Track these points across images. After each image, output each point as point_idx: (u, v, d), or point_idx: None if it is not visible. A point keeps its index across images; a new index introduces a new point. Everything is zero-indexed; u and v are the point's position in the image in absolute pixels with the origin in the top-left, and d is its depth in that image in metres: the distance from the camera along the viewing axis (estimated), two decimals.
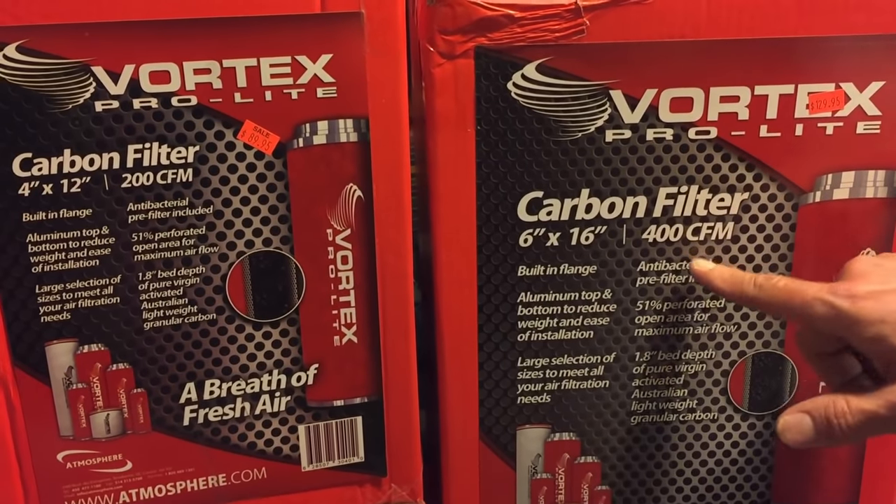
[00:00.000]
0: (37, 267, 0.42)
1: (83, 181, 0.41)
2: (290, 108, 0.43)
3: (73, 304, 0.43)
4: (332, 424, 0.49)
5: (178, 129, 0.42)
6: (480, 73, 0.44)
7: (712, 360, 0.49)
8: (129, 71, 0.40)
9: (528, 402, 0.50)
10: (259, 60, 0.42)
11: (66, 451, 0.45)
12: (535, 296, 0.48)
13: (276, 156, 0.43)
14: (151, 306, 0.44)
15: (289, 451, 0.48)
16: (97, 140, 0.41)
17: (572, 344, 0.49)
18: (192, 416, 0.46)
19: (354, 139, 0.44)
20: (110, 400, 0.45)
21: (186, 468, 0.47)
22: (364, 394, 0.48)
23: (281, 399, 0.47)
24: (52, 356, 0.43)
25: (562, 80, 0.44)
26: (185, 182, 0.43)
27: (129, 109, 0.41)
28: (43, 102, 0.40)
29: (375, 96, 0.44)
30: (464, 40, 0.43)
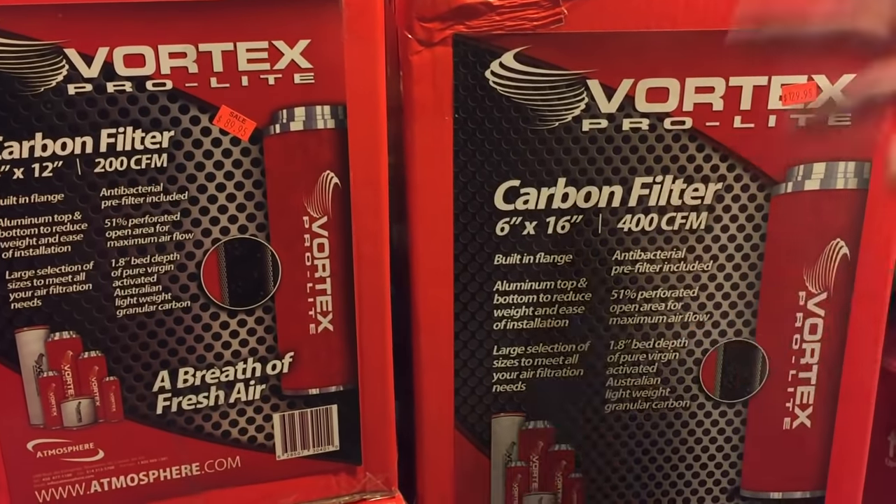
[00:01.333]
0: (7, 253, 0.41)
1: (55, 165, 0.41)
2: (267, 93, 0.42)
3: (44, 290, 0.42)
4: (306, 413, 0.48)
5: (153, 114, 0.41)
6: (458, 60, 0.44)
7: (685, 348, 0.50)
8: (103, 54, 0.40)
9: (503, 390, 0.50)
10: (236, 45, 0.41)
11: (37, 439, 0.44)
12: (511, 284, 0.48)
13: (253, 142, 0.43)
14: (125, 293, 0.44)
15: (263, 439, 0.48)
16: (70, 124, 0.40)
17: (547, 332, 0.49)
18: (166, 404, 0.46)
19: (332, 126, 0.44)
20: (82, 388, 0.44)
21: (159, 457, 0.47)
22: (339, 382, 0.48)
23: (255, 387, 0.47)
24: (22, 343, 0.43)
25: (539, 69, 0.44)
26: (160, 167, 0.42)
27: (102, 93, 0.40)
28: (14, 85, 0.39)
29: (353, 83, 0.43)
30: (442, 28, 0.43)
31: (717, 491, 0.53)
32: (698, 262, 0.48)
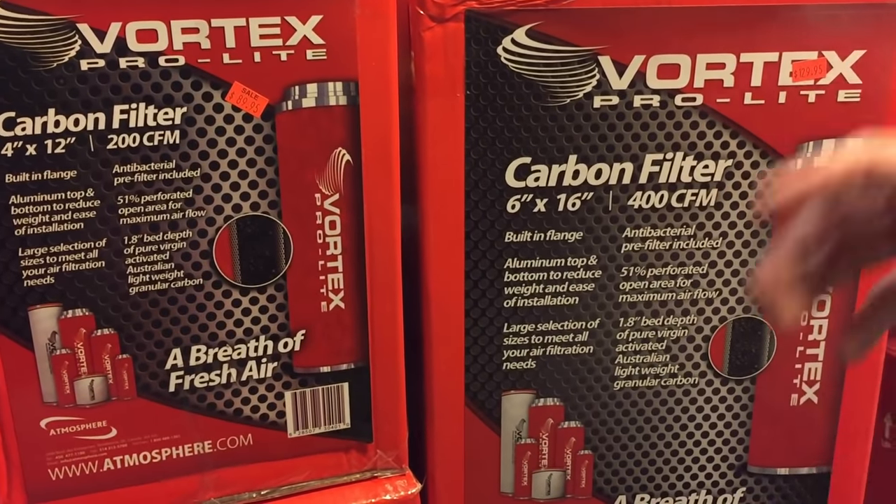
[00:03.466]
0: (20, 230, 0.41)
1: (68, 142, 0.40)
2: (280, 69, 0.42)
3: (57, 267, 0.42)
4: (318, 391, 0.48)
5: (166, 90, 0.41)
6: (470, 37, 0.44)
7: (694, 325, 0.50)
8: (116, 29, 0.40)
9: (513, 367, 0.50)
10: (248, 20, 0.41)
11: (50, 417, 0.44)
12: (521, 262, 0.48)
13: (265, 118, 0.43)
14: (137, 271, 0.43)
15: (275, 417, 0.48)
16: (82, 100, 0.40)
17: (558, 310, 0.49)
18: (178, 382, 0.46)
19: (344, 102, 0.44)
20: (95, 366, 0.44)
21: (172, 435, 0.47)
22: (351, 360, 0.48)
23: (267, 365, 0.47)
24: (35, 321, 0.42)
25: (551, 46, 0.44)
26: (173, 144, 0.42)
27: (115, 69, 0.40)
28: (27, 60, 0.39)
29: (365, 59, 0.43)
30: (454, 3, 0.43)
31: (724, 467, 0.53)
32: (708, 238, 0.48)
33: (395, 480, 0.51)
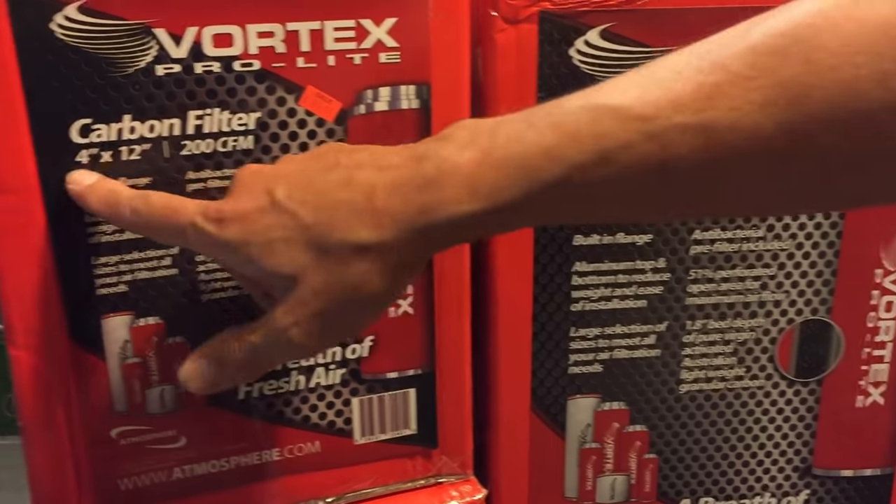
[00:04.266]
0: (93, 238, 0.40)
1: (142, 148, 0.40)
2: (353, 73, 0.42)
3: (130, 275, 0.42)
4: (385, 397, 0.48)
5: (240, 95, 0.41)
6: (543, 38, 0.43)
7: (761, 327, 0.50)
8: (192, 34, 0.39)
9: (579, 371, 0.50)
10: (323, 24, 0.41)
11: (121, 427, 0.44)
12: (590, 265, 0.48)
13: (338, 123, 0.42)
14: (208, 278, 0.43)
15: (342, 424, 0.48)
16: (158, 105, 0.40)
17: (625, 313, 0.49)
18: (247, 390, 0.45)
19: (416, 106, 0.43)
20: (165, 374, 0.44)
21: (240, 443, 0.46)
22: (417, 366, 0.48)
23: (335, 372, 0.47)
24: (108, 330, 0.42)
25: (625, 47, 0.44)
26: (246, 150, 0.41)
27: (190, 74, 0.40)
28: (103, 66, 0.38)
29: (438, 62, 0.43)
30: (528, 4, 0.43)
31: (789, 469, 0.53)
32: (777, 240, 0.48)
33: (460, 486, 0.50)
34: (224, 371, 0.36)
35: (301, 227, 0.32)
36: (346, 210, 0.32)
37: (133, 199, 0.37)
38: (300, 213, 0.33)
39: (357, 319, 0.35)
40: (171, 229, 0.35)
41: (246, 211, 0.33)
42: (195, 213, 0.34)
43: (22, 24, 0.37)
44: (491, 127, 0.32)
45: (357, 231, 0.32)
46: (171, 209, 0.35)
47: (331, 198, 0.33)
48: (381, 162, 0.33)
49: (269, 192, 0.33)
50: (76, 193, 0.38)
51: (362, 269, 0.32)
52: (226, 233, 0.33)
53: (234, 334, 0.35)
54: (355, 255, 0.32)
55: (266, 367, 0.37)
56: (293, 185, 0.33)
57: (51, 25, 0.37)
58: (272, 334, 0.34)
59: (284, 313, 0.33)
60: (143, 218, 0.36)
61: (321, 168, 0.34)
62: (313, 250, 0.32)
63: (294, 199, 0.33)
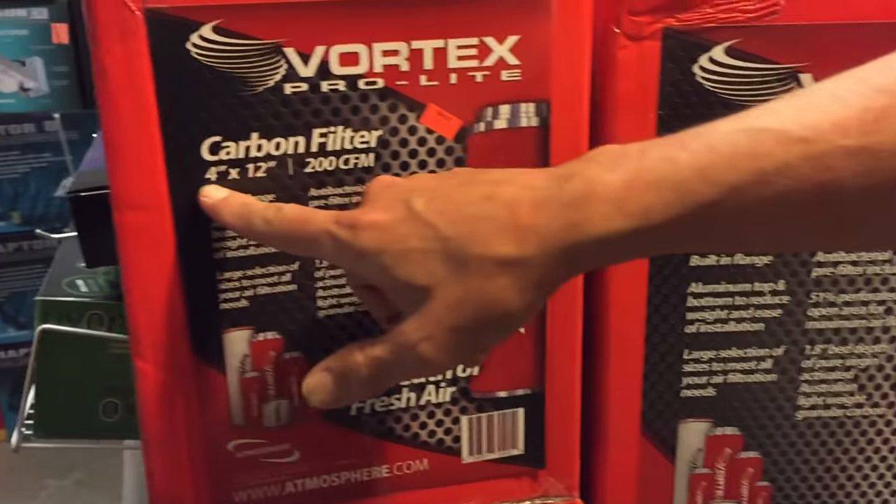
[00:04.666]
0: (218, 253, 0.41)
1: (268, 166, 0.40)
2: (474, 91, 0.42)
3: (251, 291, 0.42)
4: (493, 416, 0.48)
5: (363, 113, 0.41)
6: (666, 55, 0.42)
7: (884, 353, 0.48)
8: (320, 53, 0.39)
9: (692, 395, 0.49)
10: (447, 42, 0.41)
11: (237, 440, 0.44)
12: (706, 286, 0.46)
13: (457, 141, 0.42)
14: (326, 294, 0.43)
15: (451, 442, 0.47)
16: (284, 123, 0.40)
17: (741, 336, 0.47)
18: (360, 406, 0.45)
19: (535, 124, 0.43)
20: (282, 389, 0.44)
21: (351, 459, 0.46)
22: (527, 385, 0.47)
23: (446, 389, 0.46)
24: (228, 344, 0.43)
25: (751, 64, 0.42)
26: (366, 167, 0.42)
27: (316, 92, 0.40)
28: (235, 84, 0.39)
29: (558, 79, 0.42)
30: (652, 21, 0.42)
31: None
32: None
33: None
34: (348, 386, 0.36)
35: (439, 238, 0.32)
36: (488, 224, 0.32)
37: (265, 211, 0.37)
38: (439, 223, 0.32)
39: (490, 337, 0.34)
40: (304, 239, 0.35)
41: (382, 220, 0.33)
42: (329, 221, 0.34)
43: (159, 44, 0.37)
44: (638, 149, 0.31)
45: (499, 246, 0.31)
46: (303, 219, 0.35)
47: (471, 211, 0.32)
48: (523, 180, 0.33)
49: (406, 203, 0.33)
50: (209, 206, 0.39)
51: (502, 285, 0.32)
52: (360, 241, 0.33)
53: (359, 349, 0.35)
54: (496, 271, 0.32)
55: (391, 382, 0.36)
56: (431, 196, 0.33)
57: (186, 45, 0.38)
58: (400, 349, 0.34)
59: (415, 328, 0.33)
60: (276, 229, 0.36)
61: (458, 183, 0.34)
62: (451, 262, 0.32)
63: (432, 210, 0.33)
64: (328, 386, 0.36)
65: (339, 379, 0.36)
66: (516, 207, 0.32)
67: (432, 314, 0.33)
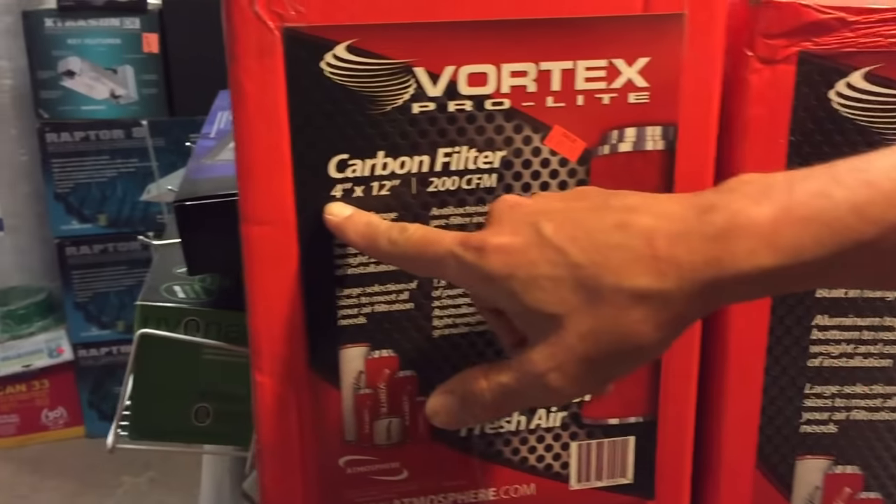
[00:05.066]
0: (339, 270, 0.41)
1: (392, 184, 0.40)
2: (600, 113, 0.41)
3: (369, 308, 0.42)
4: (604, 443, 0.47)
5: (488, 133, 0.40)
6: (801, 79, 0.41)
7: None
8: (449, 72, 0.39)
9: (811, 431, 0.47)
10: (576, 63, 0.40)
11: (348, 456, 0.44)
12: (832, 319, 0.45)
13: (580, 163, 0.42)
14: (442, 314, 0.43)
15: (559, 468, 0.47)
16: (410, 143, 0.40)
17: (867, 372, 0.45)
18: (470, 427, 0.45)
19: (661, 147, 0.42)
20: (394, 407, 0.44)
21: (459, 480, 0.46)
22: (640, 413, 0.46)
23: (557, 414, 0.46)
24: (345, 360, 0.43)
25: (891, 90, 0.41)
26: (488, 188, 0.41)
27: (443, 112, 0.40)
28: (365, 103, 0.39)
29: (687, 102, 0.41)
30: (787, 45, 0.41)
31: None
32: None
33: None
34: (470, 409, 0.35)
35: (570, 265, 0.31)
36: (623, 254, 0.31)
37: (390, 231, 0.37)
38: (570, 250, 0.32)
39: (620, 369, 0.33)
40: (429, 260, 0.35)
41: (510, 243, 0.33)
42: (454, 243, 0.34)
43: (294, 62, 0.38)
44: (785, 182, 0.30)
45: (636, 277, 0.31)
46: (428, 240, 0.35)
47: (604, 239, 0.31)
48: (658, 209, 0.32)
49: (535, 226, 0.33)
50: (334, 224, 0.39)
51: (637, 318, 0.31)
52: (488, 263, 0.33)
53: (483, 373, 0.35)
54: (631, 302, 0.31)
55: (515, 409, 0.36)
56: (560, 221, 0.33)
57: (321, 64, 0.38)
58: (527, 377, 0.33)
59: (545, 357, 0.32)
60: (401, 249, 0.36)
61: (588, 208, 0.33)
62: (582, 291, 0.31)
63: (562, 235, 0.32)
64: (451, 408, 0.36)
65: (462, 402, 0.35)
66: (653, 238, 0.31)
67: (562, 344, 0.32)
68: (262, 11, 0.37)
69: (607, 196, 0.34)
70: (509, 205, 0.35)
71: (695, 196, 0.32)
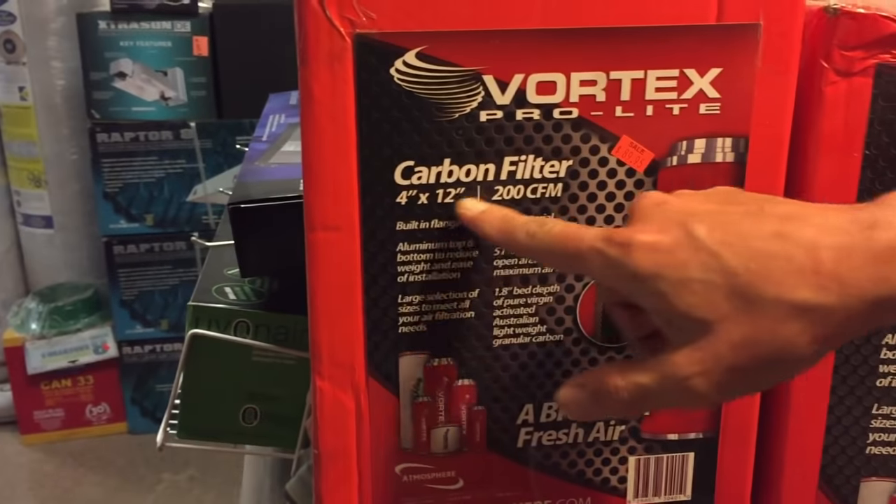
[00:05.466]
0: (402, 277, 0.41)
1: (457, 192, 0.40)
2: (670, 123, 0.40)
3: (430, 316, 0.42)
4: (662, 458, 0.46)
5: (555, 143, 0.40)
6: (878, 92, 0.40)
7: None
8: (518, 81, 0.39)
9: (878, 452, 0.45)
10: (646, 73, 0.39)
11: (405, 463, 0.44)
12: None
13: (647, 174, 0.41)
14: (503, 323, 0.43)
15: (616, 482, 0.46)
16: (476, 150, 0.40)
17: None
18: (527, 438, 0.45)
19: (731, 160, 0.41)
20: (452, 415, 0.44)
21: (514, 491, 0.45)
22: (700, 429, 0.45)
23: (615, 428, 0.45)
24: (404, 367, 0.42)
25: None
26: (554, 197, 0.41)
27: (511, 120, 0.39)
28: (432, 110, 0.39)
29: (760, 114, 0.41)
30: (865, 56, 0.40)
31: None
32: None
33: None
34: (603, 405, 0.35)
35: (725, 271, 0.31)
36: (784, 264, 0.30)
37: (528, 224, 0.37)
38: (725, 255, 0.31)
39: (769, 380, 0.32)
40: (569, 254, 0.34)
41: (658, 242, 0.32)
42: (598, 238, 0.33)
43: (364, 69, 0.38)
44: None
45: (797, 290, 0.30)
46: (569, 234, 0.35)
47: (762, 246, 0.31)
48: (820, 220, 0.31)
49: (685, 227, 0.32)
50: (469, 218, 0.39)
51: (794, 331, 0.30)
52: (634, 261, 0.32)
53: (619, 371, 0.34)
54: (790, 315, 0.30)
55: (650, 409, 0.35)
56: (712, 223, 0.32)
57: (390, 70, 0.38)
58: (668, 380, 0.32)
59: (691, 362, 0.32)
60: (540, 242, 0.36)
61: (742, 213, 0.32)
62: (737, 299, 0.31)
63: (716, 239, 0.31)
64: (581, 402, 0.35)
65: (593, 397, 0.35)
66: (816, 251, 0.30)
67: (711, 350, 0.31)
68: (334, 17, 0.37)
69: (761, 202, 0.33)
70: (655, 202, 0.34)
71: (854, 209, 0.31)
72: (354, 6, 0.37)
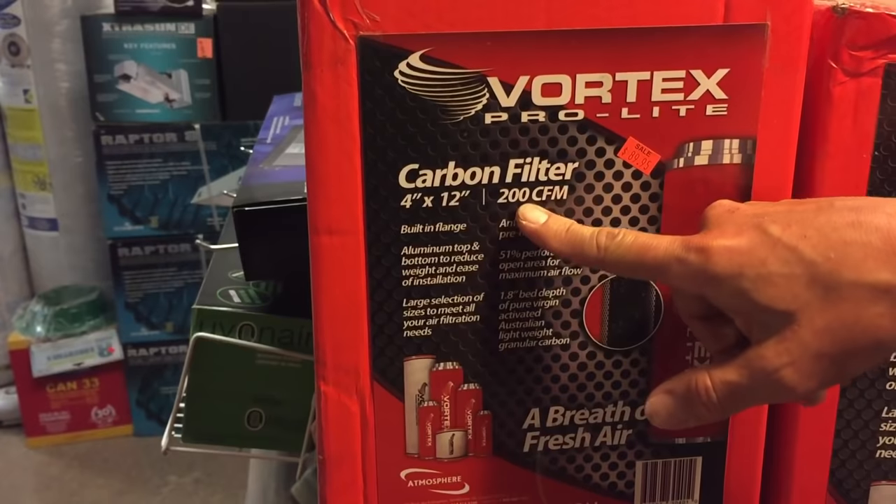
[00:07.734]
0: (406, 281, 0.41)
1: (462, 195, 0.40)
2: (676, 125, 0.40)
3: (435, 320, 0.42)
4: (670, 463, 0.45)
5: (561, 145, 0.40)
6: (887, 93, 0.40)
7: None
8: (523, 83, 0.39)
9: (888, 456, 0.45)
10: (652, 74, 0.39)
11: (410, 468, 0.44)
12: None
13: (654, 176, 0.41)
14: (508, 327, 0.42)
15: (623, 487, 0.46)
16: (482, 153, 0.39)
17: None
18: (533, 442, 0.44)
19: (738, 161, 0.41)
20: (457, 420, 0.43)
21: (520, 496, 0.45)
22: (708, 434, 0.45)
23: (622, 432, 0.45)
24: (409, 372, 0.42)
25: None
26: (559, 199, 0.41)
27: (516, 122, 0.39)
28: (437, 113, 0.38)
29: (767, 115, 0.40)
30: (873, 56, 0.39)
31: None
32: None
33: None
34: (692, 409, 0.35)
35: (804, 262, 0.32)
36: (860, 249, 0.31)
37: (597, 237, 0.37)
38: (802, 248, 0.32)
39: (856, 364, 0.33)
40: (648, 265, 0.35)
41: (735, 244, 0.33)
42: (676, 247, 0.34)
43: (368, 71, 0.38)
44: None
45: (877, 272, 0.31)
46: (645, 245, 0.36)
47: (838, 236, 0.32)
48: (891, 208, 0.32)
49: (760, 227, 0.33)
50: (531, 231, 0.39)
51: (877, 312, 0.31)
52: (714, 264, 0.33)
53: (706, 372, 0.35)
54: (872, 297, 0.31)
55: (743, 407, 0.35)
56: (785, 222, 0.33)
57: (394, 73, 0.38)
58: (758, 374, 0.33)
59: (777, 353, 0.32)
60: (615, 255, 0.36)
61: (814, 209, 0.33)
62: (817, 287, 0.32)
63: (791, 234, 0.32)
64: (671, 408, 0.36)
65: (683, 402, 0.35)
66: (890, 235, 0.31)
67: (797, 339, 0.32)
68: (337, 20, 0.37)
69: (830, 199, 0.34)
70: (727, 209, 0.35)
71: None
72: (358, 8, 0.37)
